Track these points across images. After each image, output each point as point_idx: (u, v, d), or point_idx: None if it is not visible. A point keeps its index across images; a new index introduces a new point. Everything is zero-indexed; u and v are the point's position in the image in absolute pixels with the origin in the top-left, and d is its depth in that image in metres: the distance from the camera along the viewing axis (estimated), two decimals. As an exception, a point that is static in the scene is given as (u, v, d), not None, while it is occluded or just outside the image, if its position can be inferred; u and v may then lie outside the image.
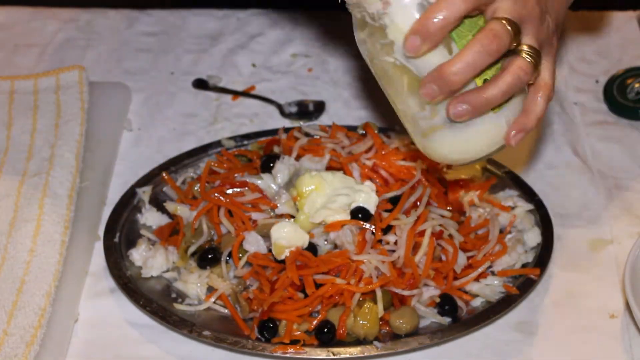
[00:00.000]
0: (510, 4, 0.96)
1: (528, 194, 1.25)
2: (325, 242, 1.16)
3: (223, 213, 1.18)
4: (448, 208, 1.20)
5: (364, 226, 1.14)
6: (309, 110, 1.45)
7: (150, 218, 1.24)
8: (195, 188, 1.23)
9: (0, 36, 1.58)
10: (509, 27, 0.95)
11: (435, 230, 1.15)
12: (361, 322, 1.10)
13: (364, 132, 1.29)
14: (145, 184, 1.27)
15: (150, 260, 1.18)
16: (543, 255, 1.18)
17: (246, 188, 1.20)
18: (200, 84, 1.50)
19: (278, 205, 1.18)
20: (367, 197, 1.16)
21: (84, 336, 1.15)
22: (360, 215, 1.15)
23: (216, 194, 1.19)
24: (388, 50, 0.97)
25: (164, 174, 1.28)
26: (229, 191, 1.20)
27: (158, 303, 1.14)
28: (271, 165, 1.23)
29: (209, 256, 1.17)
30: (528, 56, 0.97)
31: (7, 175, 1.27)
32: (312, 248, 1.15)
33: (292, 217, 1.18)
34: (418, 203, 1.17)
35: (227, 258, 1.16)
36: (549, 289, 1.18)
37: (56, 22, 1.61)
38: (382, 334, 1.11)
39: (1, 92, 1.41)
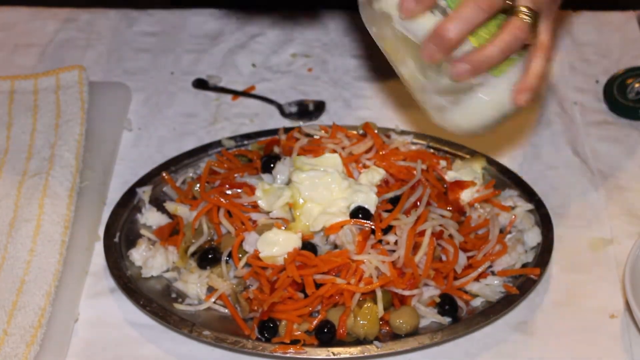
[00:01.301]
0: None
1: (528, 194, 1.25)
2: (325, 243, 1.16)
3: (223, 213, 1.18)
4: (448, 208, 1.20)
5: (365, 225, 1.14)
6: (309, 110, 1.45)
7: (150, 218, 1.24)
8: (195, 188, 1.23)
9: (0, 36, 1.58)
10: None
11: (436, 230, 1.15)
12: (361, 322, 1.10)
13: (363, 132, 1.29)
14: (145, 184, 1.27)
15: (150, 260, 1.18)
16: (543, 255, 1.18)
17: (243, 190, 1.20)
18: (200, 84, 1.50)
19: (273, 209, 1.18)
20: (367, 197, 1.16)
21: (84, 336, 1.15)
22: (360, 215, 1.15)
23: (216, 195, 1.19)
24: (387, 21, 1.01)
25: (164, 174, 1.28)
26: (229, 191, 1.20)
27: (158, 303, 1.14)
28: (271, 165, 1.23)
29: (209, 256, 1.17)
30: (525, 16, 1.02)
31: (7, 175, 1.27)
32: (312, 248, 1.15)
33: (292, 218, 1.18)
34: (418, 203, 1.17)
35: (227, 258, 1.16)
36: (549, 289, 1.18)
37: (56, 22, 1.61)
38: (382, 334, 1.11)
39: (1, 92, 1.41)
